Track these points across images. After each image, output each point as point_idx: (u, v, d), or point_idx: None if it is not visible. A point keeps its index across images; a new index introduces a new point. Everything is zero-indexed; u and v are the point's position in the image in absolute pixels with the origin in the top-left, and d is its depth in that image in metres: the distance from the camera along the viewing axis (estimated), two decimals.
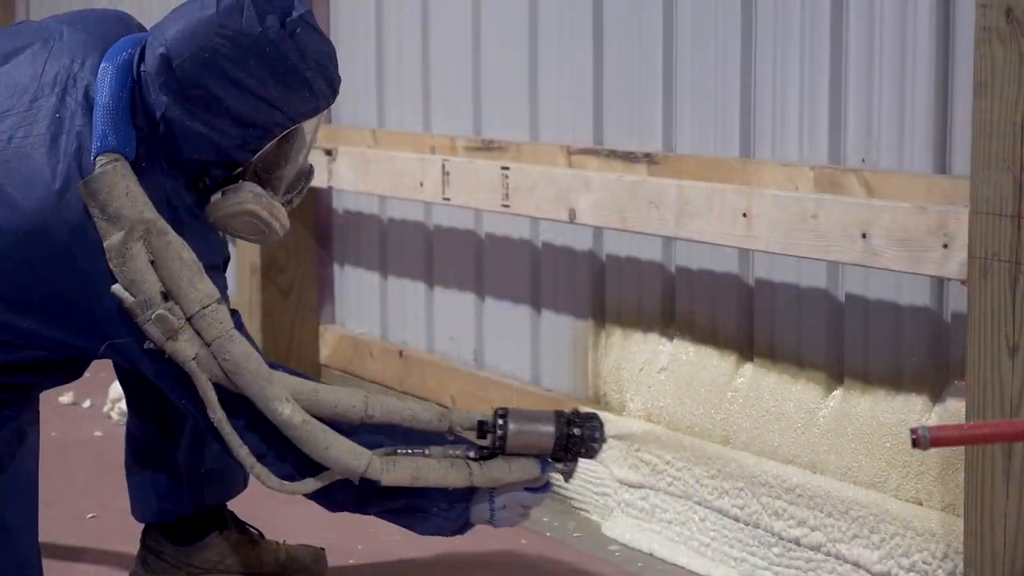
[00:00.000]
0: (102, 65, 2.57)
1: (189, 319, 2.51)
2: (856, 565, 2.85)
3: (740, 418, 3.12)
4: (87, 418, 4.30)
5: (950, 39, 2.71)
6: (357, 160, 4.05)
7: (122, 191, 2.48)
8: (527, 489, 2.71)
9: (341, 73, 2.60)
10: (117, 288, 2.50)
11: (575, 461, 2.69)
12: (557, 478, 2.75)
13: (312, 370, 4.46)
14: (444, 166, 3.70)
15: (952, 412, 2.73)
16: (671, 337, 3.34)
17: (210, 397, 2.54)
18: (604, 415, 2.92)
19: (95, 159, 2.50)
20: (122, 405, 4.16)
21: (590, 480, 3.44)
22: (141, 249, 2.50)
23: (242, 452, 2.58)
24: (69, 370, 2.73)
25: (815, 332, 3.00)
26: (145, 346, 2.53)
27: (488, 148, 3.67)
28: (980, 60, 2.41)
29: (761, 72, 3.07)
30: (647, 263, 3.38)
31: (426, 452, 2.64)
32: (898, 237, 2.63)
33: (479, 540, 2.97)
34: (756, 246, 2.92)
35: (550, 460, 2.68)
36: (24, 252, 2.50)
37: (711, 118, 3.18)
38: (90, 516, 3.45)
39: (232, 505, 3.07)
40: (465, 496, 2.69)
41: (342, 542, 3.21)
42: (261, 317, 4.44)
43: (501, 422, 2.64)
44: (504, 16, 3.75)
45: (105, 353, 2.59)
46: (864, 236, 2.69)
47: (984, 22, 2.40)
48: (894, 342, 2.85)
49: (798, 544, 2.96)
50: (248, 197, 2.61)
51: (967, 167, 2.50)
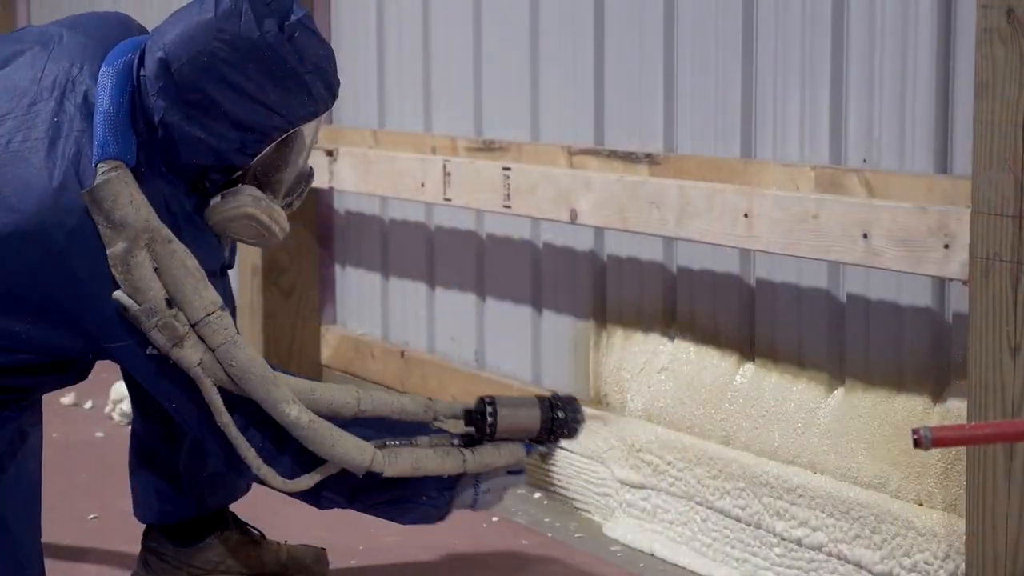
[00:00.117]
0: (102, 69, 2.56)
1: (194, 326, 2.52)
2: (858, 565, 2.84)
3: (741, 418, 3.12)
4: (89, 419, 4.30)
5: (951, 39, 2.71)
6: (358, 161, 4.05)
7: (127, 199, 2.48)
8: (508, 472, 2.78)
9: (342, 74, 2.60)
10: (120, 295, 2.49)
11: (556, 443, 2.80)
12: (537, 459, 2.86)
13: (313, 371, 4.46)
14: (445, 166, 3.70)
15: (953, 412, 2.73)
16: (672, 337, 3.34)
17: (216, 401, 2.55)
18: (605, 415, 2.92)
19: (96, 166, 2.49)
20: (123, 406, 4.16)
21: (592, 481, 3.44)
22: (145, 257, 2.50)
23: (249, 454, 2.59)
24: (71, 372, 2.73)
25: (816, 332, 3.00)
26: (148, 351, 2.54)
27: (489, 148, 3.66)
28: (981, 61, 2.41)
29: (762, 72, 3.06)
30: (648, 263, 3.37)
31: (414, 442, 2.67)
32: (899, 237, 2.63)
33: (479, 540, 2.97)
34: (757, 246, 2.92)
35: (532, 443, 2.78)
36: (20, 255, 2.50)
37: (712, 118, 3.18)
38: (91, 517, 3.45)
39: (233, 506, 3.07)
40: (452, 483, 2.73)
41: (343, 542, 3.21)
42: (263, 318, 4.44)
43: (491, 409, 2.72)
44: (505, 16, 3.74)
45: (99, 356, 2.59)
46: (865, 236, 2.68)
47: (985, 23, 2.40)
48: (895, 342, 2.85)
49: (800, 544, 2.95)
50: (247, 201, 2.60)
51: (968, 167, 2.50)
